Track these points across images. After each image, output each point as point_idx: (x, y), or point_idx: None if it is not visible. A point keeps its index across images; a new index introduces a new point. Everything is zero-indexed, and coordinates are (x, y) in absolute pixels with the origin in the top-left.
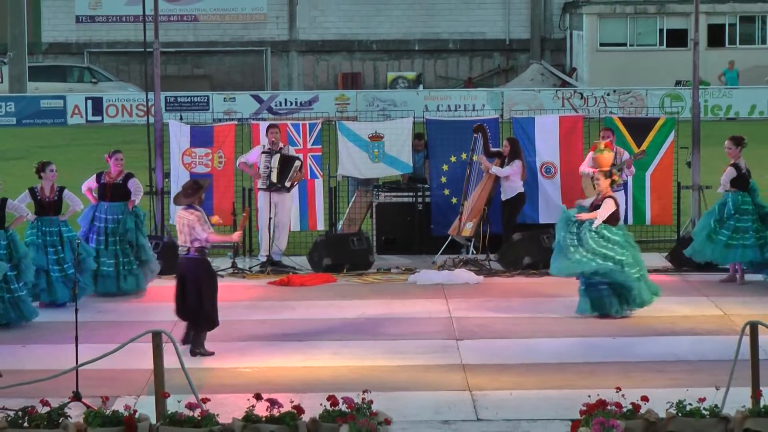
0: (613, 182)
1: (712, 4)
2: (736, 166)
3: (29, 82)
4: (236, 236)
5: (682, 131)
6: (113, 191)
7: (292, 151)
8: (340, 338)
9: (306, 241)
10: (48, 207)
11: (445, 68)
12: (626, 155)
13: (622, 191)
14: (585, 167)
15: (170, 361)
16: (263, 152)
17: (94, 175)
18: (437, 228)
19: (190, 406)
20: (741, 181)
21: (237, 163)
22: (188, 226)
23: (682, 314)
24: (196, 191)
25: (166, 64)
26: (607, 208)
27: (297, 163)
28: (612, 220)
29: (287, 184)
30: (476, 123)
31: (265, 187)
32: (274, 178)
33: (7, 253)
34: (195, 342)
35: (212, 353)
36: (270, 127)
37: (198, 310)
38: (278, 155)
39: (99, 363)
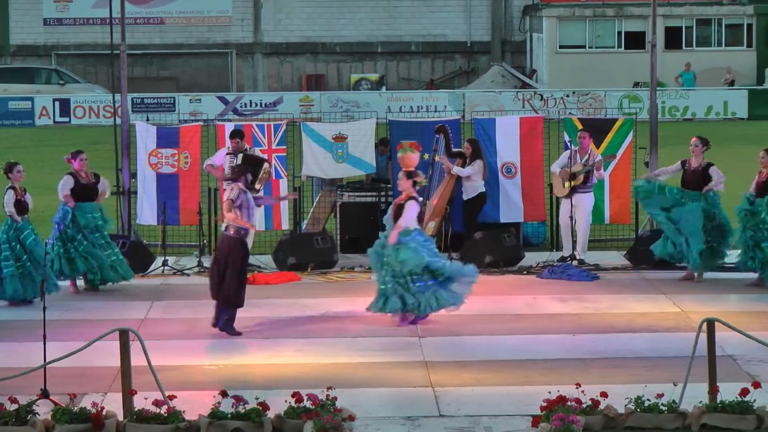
0: (415, 183)
1: (670, 6)
2: (712, 164)
3: None
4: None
5: (640, 132)
6: (92, 192)
7: (258, 152)
8: (304, 336)
9: (271, 240)
10: (24, 207)
11: (407, 70)
12: (598, 157)
13: (590, 192)
14: (555, 166)
15: (137, 358)
16: (228, 153)
17: (69, 178)
18: None
19: (157, 403)
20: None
21: (203, 166)
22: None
23: (640, 311)
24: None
25: (133, 66)
26: (410, 211)
27: (265, 166)
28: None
29: (257, 186)
30: (438, 124)
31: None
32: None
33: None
34: (232, 321)
35: (240, 333)
36: (232, 134)
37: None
38: (241, 155)
39: (67, 361)
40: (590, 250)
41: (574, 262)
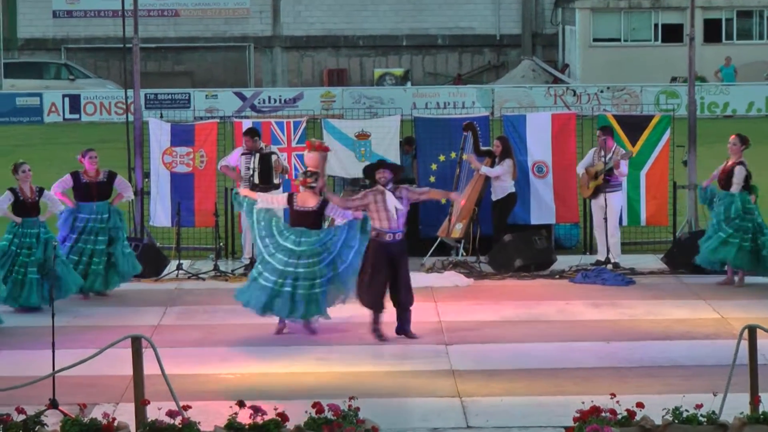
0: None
1: None
2: (742, 164)
3: (4, 79)
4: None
5: (677, 129)
6: (99, 190)
7: (274, 149)
8: (325, 343)
9: None
10: (30, 208)
11: (433, 64)
12: (620, 151)
13: (619, 191)
14: (580, 167)
15: (150, 367)
16: (243, 153)
17: (68, 177)
18: (426, 229)
19: (171, 414)
20: (747, 181)
21: (218, 166)
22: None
23: (678, 318)
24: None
25: (146, 61)
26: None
27: (273, 157)
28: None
29: (277, 181)
30: (466, 121)
31: (247, 188)
32: (256, 180)
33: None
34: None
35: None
36: (246, 133)
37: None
38: (257, 155)
39: (77, 369)
40: (626, 253)
41: (609, 266)
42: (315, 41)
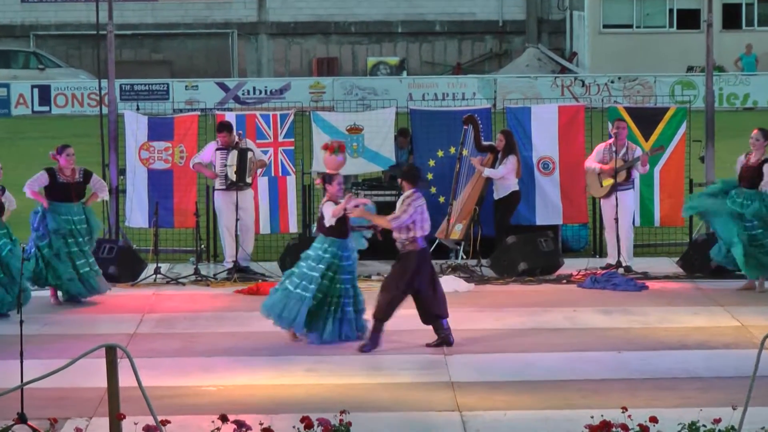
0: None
1: None
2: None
3: None
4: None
5: (694, 122)
6: (77, 190)
7: (252, 145)
8: (315, 353)
9: (277, 245)
10: None
11: (431, 53)
12: (638, 151)
13: (631, 189)
14: (591, 162)
15: (126, 378)
16: (217, 149)
17: (43, 175)
18: None
19: (148, 429)
20: None
21: (191, 164)
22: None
23: (694, 326)
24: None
25: (122, 49)
26: (328, 212)
27: (250, 155)
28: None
29: (249, 180)
30: (466, 113)
31: (224, 186)
32: (233, 176)
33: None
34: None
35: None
36: (220, 129)
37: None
38: (235, 151)
39: (47, 381)
40: (639, 256)
41: (620, 270)
42: (303, 28)
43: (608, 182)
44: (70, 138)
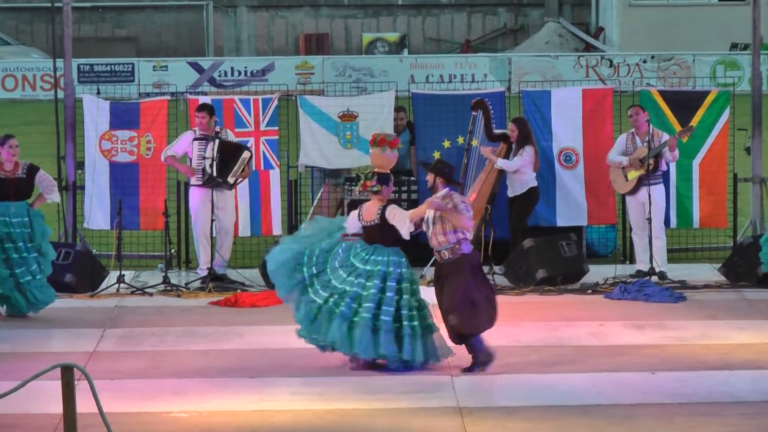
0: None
1: None
2: None
3: None
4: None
5: (739, 108)
6: (19, 188)
7: (232, 136)
8: (302, 374)
9: (258, 249)
10: None
11: (436, 28)
12: (665, 137)
13: (661, 183)
14: (613, 155)
15: (85, 403)
16: (195, 139)
17: None
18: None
19: None
20: None
21: (163, 157)
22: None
23: (739, 342)
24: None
25: (80, 23)
26: (404, 219)
27: (246, 155)
28: None
29: (231, 180)
30: (476, 98)
31: (200, 182)
32: (213, 171)
33: None
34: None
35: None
36: (199, 108)
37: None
38: (217, 141)
39: None
40: (675, 261)
41: (653, 278)
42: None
43: (634, 174)
44: (20, 126)
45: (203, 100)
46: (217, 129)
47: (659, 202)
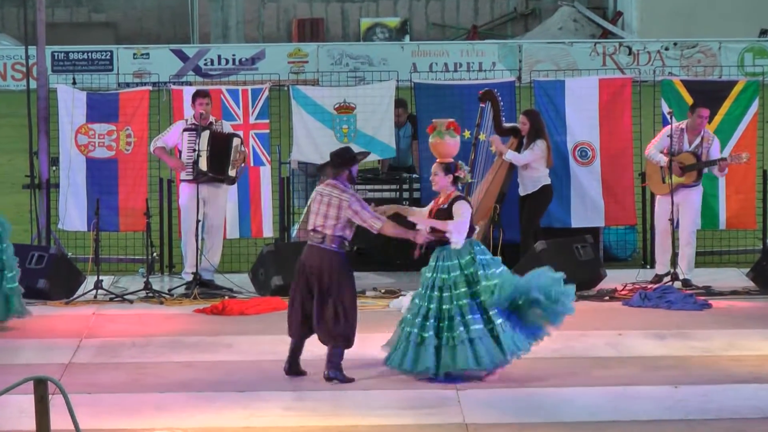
0: (456, 179)
1: None
2: None
3: None
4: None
5: None
6: None
7: (228, 126)
8: (295, 388)
9: (248, 252)
10: None
11: (440, 12)
12: (716, 143)
13: (700, 187)
14: (653, 150)
15: (60, 419)
16: (185, 129)
17: None
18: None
19: None
20: None
21: (151, 148)
22: (340, 207)
23: None
24: (350, 161)
25: (54, 8)
26: (464, 215)
27: (236, 141)
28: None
29: (232, 173)
30: (484, 88)
31: (191, 177)
32: (203, 165)
33: None
34: (331, 363)
35: (352, 379)
36: (198, 95)
37: (335, 321)
38: (207, 132)
39: None
40: (700, 266)
41: (676, 284)
42: None
43: (676, 180)
44: None
45: (188, 91)
46: (212, 120)
47: (694, 206)
